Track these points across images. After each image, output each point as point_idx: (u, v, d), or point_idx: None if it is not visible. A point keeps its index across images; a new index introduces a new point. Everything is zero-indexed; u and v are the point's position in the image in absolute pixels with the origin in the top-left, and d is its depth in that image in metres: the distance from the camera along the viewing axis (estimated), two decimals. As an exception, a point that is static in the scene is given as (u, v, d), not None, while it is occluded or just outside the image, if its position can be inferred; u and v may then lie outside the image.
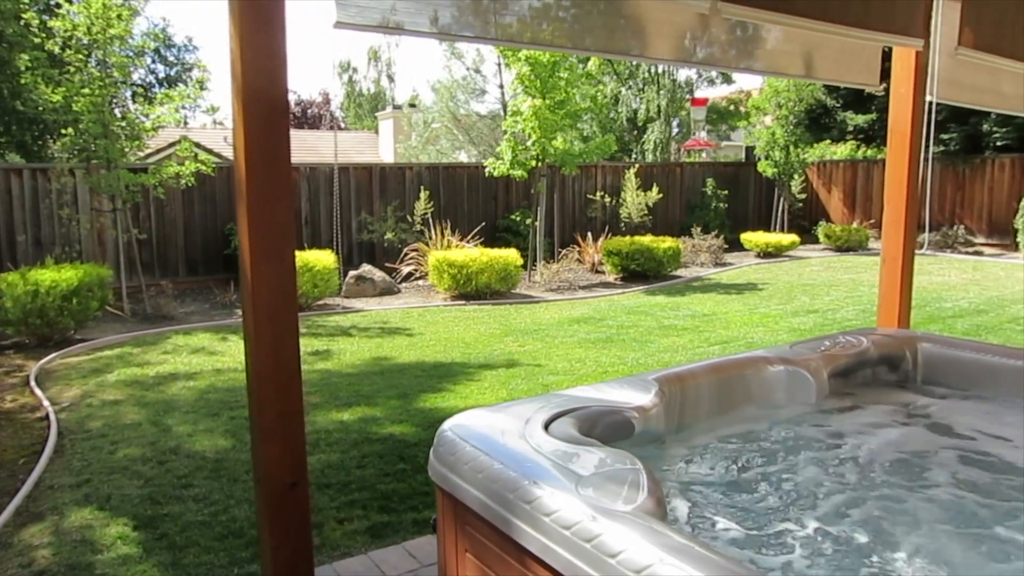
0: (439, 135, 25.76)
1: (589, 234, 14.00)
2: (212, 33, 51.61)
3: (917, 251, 5.16)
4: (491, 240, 13.30)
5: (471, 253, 10.72)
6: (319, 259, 9.92)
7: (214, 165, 10.37)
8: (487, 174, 12.29)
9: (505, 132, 12.06)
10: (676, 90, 23.07)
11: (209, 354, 7.50)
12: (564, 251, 13.14)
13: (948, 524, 2.37)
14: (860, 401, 3.25)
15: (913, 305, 9.37)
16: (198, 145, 12.69)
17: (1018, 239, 14.39)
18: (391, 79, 39.82)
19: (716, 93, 26.36)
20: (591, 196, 15.30)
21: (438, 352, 7.54)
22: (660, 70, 22.51)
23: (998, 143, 15.60)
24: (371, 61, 40.50)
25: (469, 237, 12.65)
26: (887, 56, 4.85)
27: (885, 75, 4.91)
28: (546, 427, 2.23)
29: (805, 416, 3.05)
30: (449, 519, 2.19)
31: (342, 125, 39.95)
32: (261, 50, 2.46)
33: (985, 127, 15.49)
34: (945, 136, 15.88)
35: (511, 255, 10.84)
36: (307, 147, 24.48)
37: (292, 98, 38.91)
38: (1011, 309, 9.43)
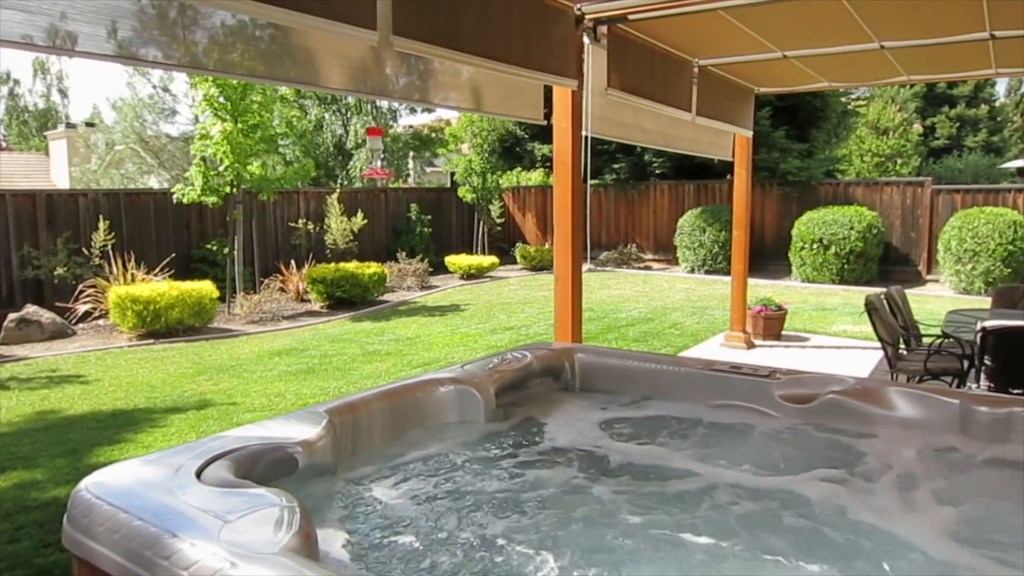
0: (124, 158, 23.44)
1: (293, 262, 13.59)
2: None
3: (585, 269, 5.74)
4: (185, 272, 12.35)
5: (159, 287, 9.87)
6: (-34, 301, 8.50)
7: None
8: (176, 200, 11.43)
9: (195, 156, 11.31)
10: (380, 117, 23.36)
11: None
12: (267, 280, 12.60)
13: (601, 511, 2.64)
14: (527, 412, 3.51)
15: (593, 316, 10.47)
16: None
17: (678, 254, 16.61)
18: (63, 94, 35.54)
19: (419, 121, 27.13)
20: (294, 223, 14.89)
21: (118, 399, 6.82)
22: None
23: (658, 172, 17.95)
24: (38, 73, 35.84)
25: (158, 269, 11.63)
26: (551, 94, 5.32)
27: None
28: (199, 473, 2.10)
29: (475, 433, 3.22)
30: (88, 590, 1.97)
31: (3, 144, 34.81)
32: None
33: (647, 158, 17.73)
34: (616, 166, 17.92)
35: (206, 287, 10.17)
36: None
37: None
38: (672, 316, 10.83)
